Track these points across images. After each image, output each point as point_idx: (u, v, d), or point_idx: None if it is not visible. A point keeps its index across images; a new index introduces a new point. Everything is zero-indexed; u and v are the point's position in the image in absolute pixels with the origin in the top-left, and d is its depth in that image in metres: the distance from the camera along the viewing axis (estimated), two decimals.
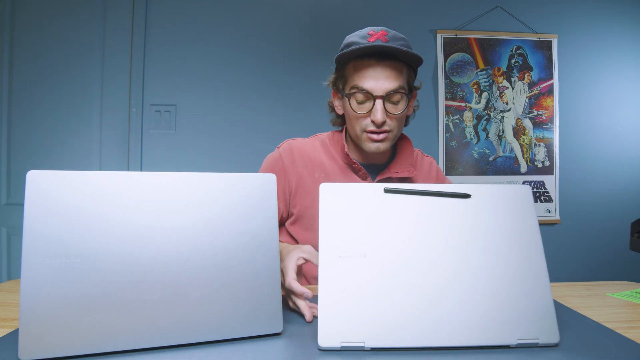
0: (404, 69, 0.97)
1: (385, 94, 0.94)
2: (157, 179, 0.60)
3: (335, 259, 0.62)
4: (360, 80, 0.95)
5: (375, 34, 0.95)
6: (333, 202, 0.65)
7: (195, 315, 0.59)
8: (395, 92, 0.95)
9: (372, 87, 0.94)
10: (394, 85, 0.94)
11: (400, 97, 0.96)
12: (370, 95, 0.95)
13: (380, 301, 0.60)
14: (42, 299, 0.54)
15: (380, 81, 0.94)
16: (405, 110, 0.99)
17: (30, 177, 0.55)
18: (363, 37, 0.96)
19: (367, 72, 0.95)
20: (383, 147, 1.00)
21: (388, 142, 1.00)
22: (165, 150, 2.21)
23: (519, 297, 0.61)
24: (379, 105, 0.94)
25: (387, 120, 0.97)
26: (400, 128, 1.02)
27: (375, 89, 0.94)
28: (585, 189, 2.36)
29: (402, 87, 0.96)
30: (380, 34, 0.95)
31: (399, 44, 0.94)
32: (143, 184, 0.60)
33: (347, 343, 0.58)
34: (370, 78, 0.94)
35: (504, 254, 0.63)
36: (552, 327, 0.60)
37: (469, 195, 0.66)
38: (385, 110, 0.95)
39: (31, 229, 0.54)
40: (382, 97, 0.94)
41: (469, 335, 0.59)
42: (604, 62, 2.39)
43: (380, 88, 0.94)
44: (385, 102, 0.95)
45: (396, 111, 0.96)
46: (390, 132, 0.99)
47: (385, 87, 0.94)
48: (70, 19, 2.19)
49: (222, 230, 0.62)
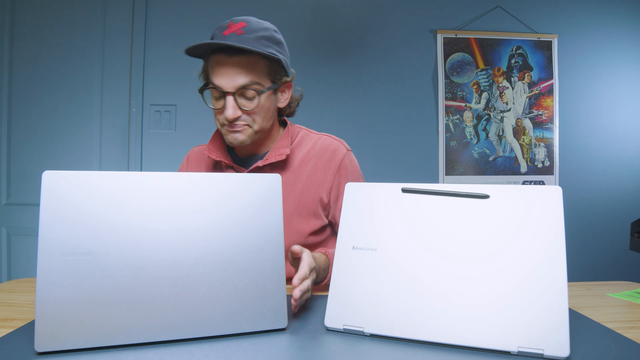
0: (260, 62, 0.94)
1: (235, 90, 0.93)
2: (166, 179, 0.63)
3: (349, 250, 0.68)
4: (213, 76, 0.95)
5: (233, 26, 0.94)
6: (355, 199, 0.71)
7: (203, 311, 0.62)
8: (246, 87, 0.93)
9: (222, 84, 0.93)
10: (244, 80, 0.93)
11: (254, 93, 0.95)
12: (222, 91, 0.94)
13: (384, 292, 0.64)
14: (57, 293, 0.56)
15: (230, 77, 0.93)
16: (261, 105, 0.96)
17: (46, 177, 0.57)
18: (221, 30, 0.95)
19: (218, 68, 0.94)
20: (242, 137, 0.98)
21: (247, 133, 0.98)
22: (165, 150, 2.21)
23: (530, 304, 0.58)
24: (229, 102, 0.94)
25: (243, 116, 0.96)
26: (264, 121, 0.99)
27: (224, 85, 0.93)
28: (585, 189, 2.36)
29: (256, 82, 0.94)
30: (237, 26, 0.94)
31: (252, 37, 0.92)
32: (153, 184, 0.62)
33: (348, 326, 0.65)
34: (221, 74, 0.93)
35: (519, 257, 0.60)
36: (562, 339, 0.55)
37: (488, 196, 0.64)
38: (237, 107, 0.94)
39: (46, 227, 0.57)
40: (232, 93, 0.93)
41: (467, 335, 0.59)
42: (604, 62, 2.39)
43: (230, 84, 0.93)
44: (238, 97, 0.95)
45: (250, 106, 0.95)
46: (249, 126, 0.98)
47: (236, 83, 0.93)
48: (70, 19, 2.19)
49: (229, 229, 0.65)
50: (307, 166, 1.05)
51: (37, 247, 0.56)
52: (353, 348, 0.60)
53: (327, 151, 1.06)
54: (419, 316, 0.61)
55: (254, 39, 0.93)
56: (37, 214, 0.57)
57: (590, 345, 0.61)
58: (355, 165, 1.11)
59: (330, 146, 1.07)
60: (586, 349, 0.60)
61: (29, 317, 0.72)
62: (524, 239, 0.61)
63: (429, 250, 0.64)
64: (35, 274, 0.57)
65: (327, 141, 1.08)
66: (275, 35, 0.99)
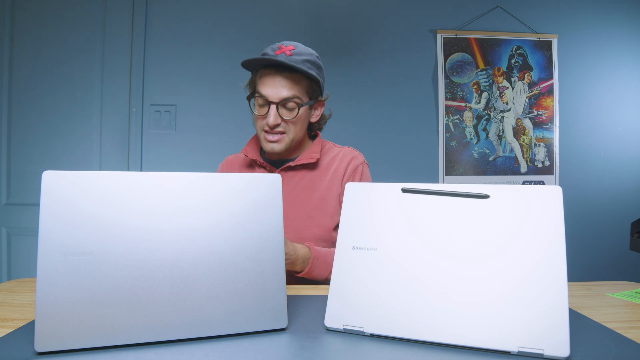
0: (302, 81, 1.10)
1: (279, 100, 1.08)
2: (166, 179, 0.63)
3: (349, 249, 0.68)
4: (261, 86, 1.09)
5: (283, 48, 1.08)
6: (355, 199, 0.71)
7: (203, 311, 0.62)
8: (289, 100, 1.08)
9: (269, 94, 1.08)
10: (288, 94, 1.08)
11: (294, 105, 1.09)
12: (267, 101, 1.08)
13: (384, 292, 0.64)
14: (57, 293, 0.56)
15: (277, 89, 1.07)
16: (298, 116, 1.10)
17: (46, 177, 0.57)
18: (273, 49, 1.09)
19: (266, 80, 1.08)
20: (278, 147, 1.12)
21: (283, 143, 1.12)
22: (165, 150, 2.21)
23: (530, 303, 0.58)
24: (272, 110, 1.08)
25: (282, 124, 1.10)
26: (299, 131, 1.14)
27: (271, 95, 1.08)
28: (585, 189, 2.36)
29: (297, 97, 1.09)
30: (287, 48, 1.08)
31: (300, 59, 1.07)
32: (153, 184, 0.62)
33: (348, 326, 0.65)
34: (269, 86, 1.08)
35: (519, 257, 0.60)
36: (562, 339, 0.55)
37: (488, 196, 0.64)
38: (279, 115, 1.08)
39: (46, 227, 0.57)
40: (276, 103, 1.08)
41: (467, 335, 0.59)
42: (604, 62, 2.39)
43: (276, 95, 1.07)
44: (280, 107, 1.09)
45: (290, 116, 1.10)
46: (286, 134, 1.12)
47: (280, 95, 1.07)
48: (70, 19, 2.19)
49: (229, 229, 0.65)
50: (331, 168, 1.19)
51: (37, 247, 0.57)
52: (353, 348, 0.60)
53: (348, 157, 1.21)
54: (419, 316, 0.61)
55: (301, 60, 1.07)
56: (37, 214, 0.57)
57: (590, 345, 0.61)
58: (368, 176, 1.24)
59: (351, 153, 1.22)
60: (586, 349, 0.60)
61: (29, 317, 0.72)
62: (524, 239, 0.61)
63: (429, 250, 0.64)
64: (35, 274, 0.57)
65: (348, 150, 1.24)
66: (317, 60, 1.14)
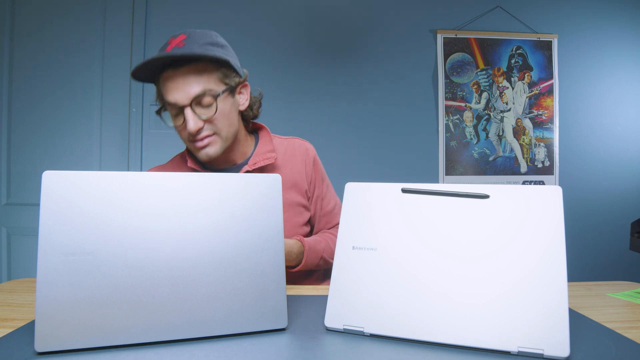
0: (208, 68, 0.93)
1: (190, 101, 0.91)
2: (167, 179, 0.63)
3: (349, 250, 0.68)
4: (166, 93, 0.93)
5: (174, 41, 0.93)
6: (354, 199, 0.70)
7: (203, 311, 0.62)
8: (200, 96, 0.92)
9: (176, 98, 0.92)
10: (197, 89, 0.91)
11: (210, 100, 0.93)
12: (178, 107, 0.93)
13: (384, 292, 0.64)
14: (57, 293, 0.56)
15: (181, 89, 0.91)
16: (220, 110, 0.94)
17: (46, 177, 0.57)
18: (163, 47, 0.94)
19: (168, 84, 0.92)
20: (213, 151, 0.97)
21: (217, 145, 0.97)
22: (165, 150, 2.21)
23: (529, 303, 0.58)
24: (187, 114, 0.92)
25: (205, 125, 0.94)
26: (230, 126, 0.98)
27: (179, 99, 0.92)
28: (585, 189, 2.36)
29: (209, 89, 0.93)
30: (177, 40, 0.92)
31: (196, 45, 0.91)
32: (153, 184, 0.62)
33: (348, 326, 0.65)
34: (172, 89, 0.92)
35: (519, 257, 0.60)
36: (562, 339, 0.55)
37: (488, 196, 0.64)
38: (197, 117, 0.93)
39: (46, 227, 0.57)
40: (188, 104, 0.92)
41: (467, 335, 0.59)
42: (604, 62, 2.39)
43: (184, 97, 0.91)
44: (196, 107, 0.93)
45: (209, 113, 0.93)
46: (216, 134, 0.96)
47: (189, 94, 0.91)
48: (70, 19, 2.19)
49: (229, 229, 0.65)
50: (289, 165, 1.10)
51: (37, 247, 0.57)
52: (353, 348, 0.60)
53: (301, 149, 1.13)
54: (419, 316, 0.61)
55: (196, 46, 0.91)
56: (37, 214, 0.57)
57: (590, 345, 0.61)
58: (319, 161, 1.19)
59: (302, 145, 1.14)
60: (586, 349, 0.60)
61: (29, 317, 0.72)
62: (524, 239, 0.61)
63: (429, 250, 0.64)
64: (35, 274, 0.57)
65: (298, 142, 1.15)
66: (217, 39, 0.97)
